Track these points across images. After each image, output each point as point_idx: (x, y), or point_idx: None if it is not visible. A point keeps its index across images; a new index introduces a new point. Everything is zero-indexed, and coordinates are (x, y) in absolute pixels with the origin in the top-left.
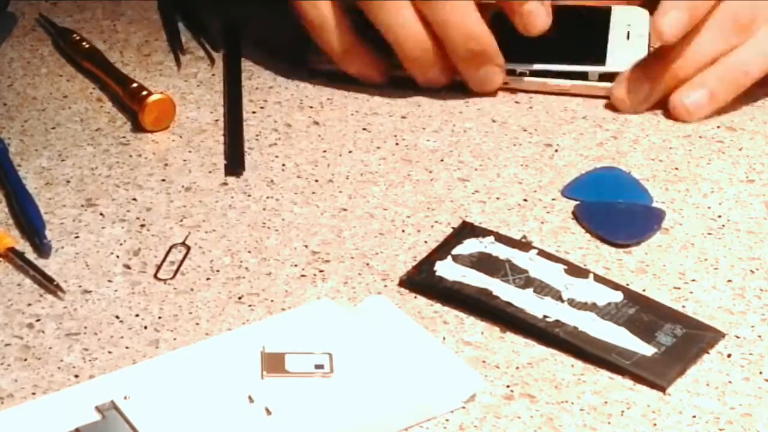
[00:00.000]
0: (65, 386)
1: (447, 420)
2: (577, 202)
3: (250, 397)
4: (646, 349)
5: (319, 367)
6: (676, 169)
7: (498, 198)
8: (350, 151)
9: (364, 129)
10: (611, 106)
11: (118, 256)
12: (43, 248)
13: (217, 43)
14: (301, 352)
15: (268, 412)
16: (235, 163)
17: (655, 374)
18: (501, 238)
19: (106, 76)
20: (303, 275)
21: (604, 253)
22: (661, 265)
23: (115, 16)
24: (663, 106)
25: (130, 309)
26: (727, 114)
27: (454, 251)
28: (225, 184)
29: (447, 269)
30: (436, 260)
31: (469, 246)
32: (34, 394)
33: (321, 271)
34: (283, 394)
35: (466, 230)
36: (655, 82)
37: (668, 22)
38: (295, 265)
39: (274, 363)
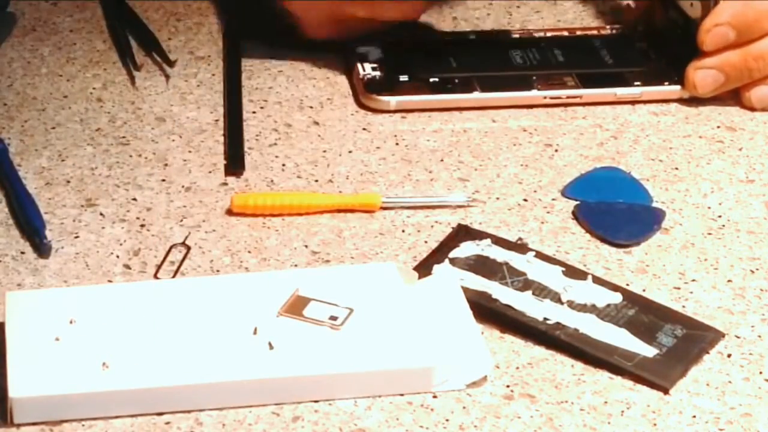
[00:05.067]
0: None
1: (447, 420)
2: (577, 202)
3: (255, 330)
4: (648, 351)
5: (332, 318)
6: (676, 169)
7: (498, 198)
8: (350, 151)
9: (364, 129)
10: (611, 106)
11: (118, 256)
12: (43, 248)
13: (167, 55)
14: (327, 302)
15: (271, 346)
16: (235, 163)
17: (657, 375)
18: (498, 241)
19: None
20: None
21: (604, 253)
22: (661, 265)
23: None
24: (663, 108)
25: None
26: (727, 114)
27: (451, 254)
28: (225, 184)
29: (445, 273)
30: (433, 264)
31: (466, 249)
32: None
33: None
34: (289, 335)
35: (462, 233)
36: (730, 77)
37: (699, 79)
38: (295, 265)
39: (296, 306)
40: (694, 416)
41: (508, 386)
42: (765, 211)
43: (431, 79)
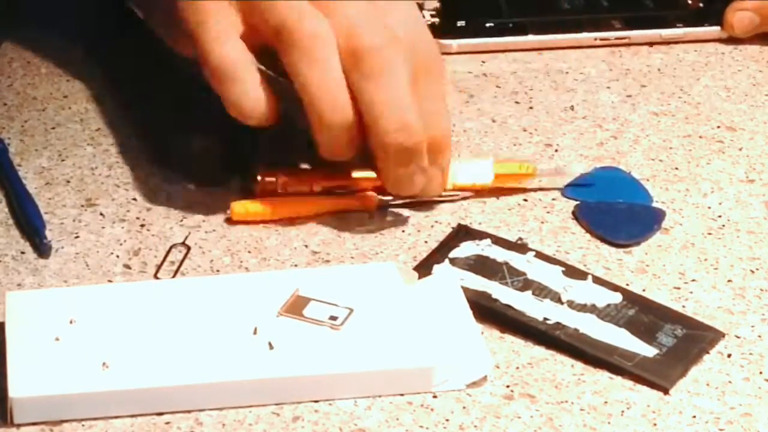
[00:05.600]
0: None
1: (447, 420)
2: (577, 202)
3: (255, 330)
4: (648, 351)
5: (332, 318)
6: (676, 169)
7: (498, 198)
8: None
9: None
10: (611, 106)
11: (118, 256)
12: (43, 248)
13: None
14: (327, 302)
15: (271, 346)
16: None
17: (658, 375)
18: (498, 241)
19: None
20: None
21: (604, 253)
22: (661, 265)
23: None
24: (663, 108)
25: None
26: (727, 114)
27: (451, 254)
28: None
29: (445, 273)
30: (433, 264)
31: (466, 249)
32: None
33: None
34: (289, 335)
35: (462, 233)
36: (766, 18)
37: (737, 21)
38: (295, 265)
39: (296, 306)
40: (694, 416)
41: (508, 386)
42: (765, 211)
43: (487, 24)
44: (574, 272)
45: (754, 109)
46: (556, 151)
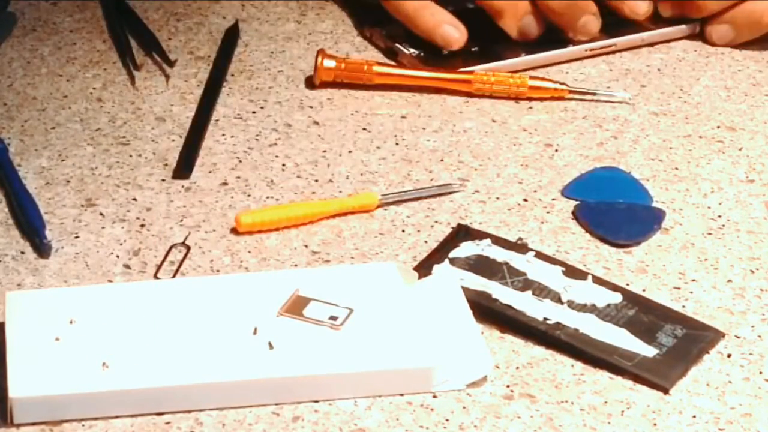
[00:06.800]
0: None
1: (447, 420)
2: (577, 202)
3: (255, 330)
4: (648, 350)
5: (332, 318)
6: (676, 169)
7: (498, 198)
8: (350, 151)
9: (364, 129)
10: (611, 106)
11: (118, 256)
12: (43, 248)
13: (168, 56)
14: (327, 302)
15: (271, 346)
16: (185, 166)
17: (657, 375)
18: (498, 241)
19: None
20: None
21: (604, 253)
22: (661, 265)
23: None
24: (663, 108)
25: None
26: (727, 114)
27: (451, 254)
28: (225, 183)
29: (445, 273)
30: (433, 264)
31: (466, 249)
32: None
33: None
34: (289, 335)
35: (462, 233)
36: (741, 30)
37: (716, 36)
38: (295, 265)
39: (296, 306)
40: (694, 416)
41: (508, 386)
42: (765, 211)
43: (473, 49)
44: (574, 272)
45: (754, 109)
46: (556, 151)
